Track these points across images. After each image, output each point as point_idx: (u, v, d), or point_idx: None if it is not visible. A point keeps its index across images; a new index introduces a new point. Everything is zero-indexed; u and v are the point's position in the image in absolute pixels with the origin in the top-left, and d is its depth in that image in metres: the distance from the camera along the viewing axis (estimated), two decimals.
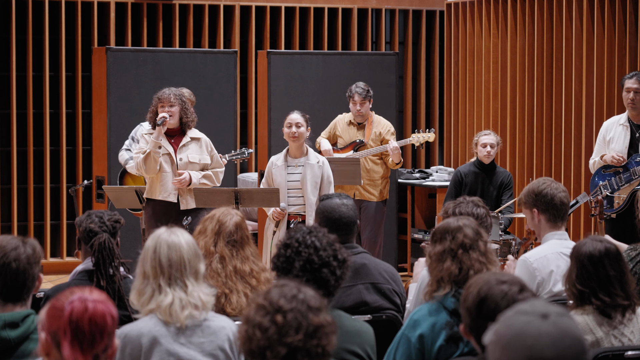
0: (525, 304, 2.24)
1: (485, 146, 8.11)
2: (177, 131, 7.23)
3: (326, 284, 3.63)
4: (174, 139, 7.22)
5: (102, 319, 2.68)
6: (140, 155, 7.13)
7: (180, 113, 7.17)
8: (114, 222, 4.54)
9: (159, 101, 7.16)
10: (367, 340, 3.84)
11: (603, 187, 7.45)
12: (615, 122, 7.68)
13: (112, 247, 4.44)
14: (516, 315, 2.22)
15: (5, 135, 9.96)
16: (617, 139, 7.58)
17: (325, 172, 7.19)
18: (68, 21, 10.06)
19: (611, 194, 7.47)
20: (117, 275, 4.45)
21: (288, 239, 3.71)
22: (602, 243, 4.03)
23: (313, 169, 7.14)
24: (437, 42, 11.21)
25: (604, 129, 7.73)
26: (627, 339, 3.98)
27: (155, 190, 7.20)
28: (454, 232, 3.98)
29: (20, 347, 3.46)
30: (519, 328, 2.18)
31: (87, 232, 4.50)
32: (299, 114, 7.24)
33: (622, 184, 7.51)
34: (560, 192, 4.96)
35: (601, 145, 7.72)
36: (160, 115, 7.09)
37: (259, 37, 10.64)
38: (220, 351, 3.67)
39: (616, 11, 8.90)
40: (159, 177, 7.19)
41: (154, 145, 7.08)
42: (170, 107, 7.13)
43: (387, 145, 8.39)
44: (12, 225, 9.93)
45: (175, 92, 7.20)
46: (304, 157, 7.21)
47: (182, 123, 7.20)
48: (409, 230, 10.15)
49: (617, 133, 7.60)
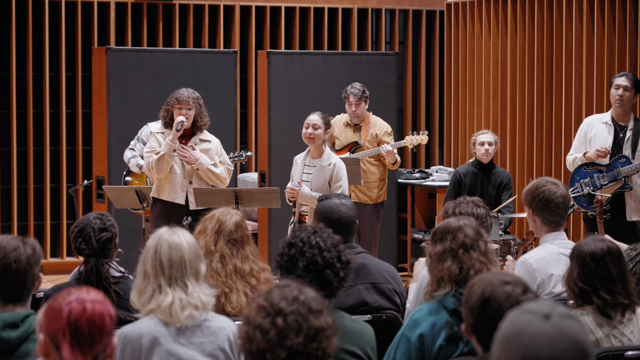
0: (533, 303, 2.25)
1: (483, 144, 8.11)
2: (189, 133, 7.21)
3: (329, 285, 3.62)
4: (184, 140, 7.20)
5: (100, 319, 2.67)
6: (153, 156, 7.09)
7: (196, 116, 7.15)
8: (104, 242, 4.51)
9: (177, 102, 7.10)
10: (367, 341, 3.83)
11: (584, 185, 7.45)
12: (597, 120, 7.63)
13: (100, 271, 4.46)
14: (520, 313, 2.22)
15: (5, 135, 9.96)
16: (599, 137, 7.53)
17: (335, 174, 7.04)
18: (68, 21, 10.06)
19: (593, 192, 7.44)
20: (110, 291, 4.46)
21: (293, 238, 3.70)
22: (604, 242, 4.05)
23: (323, 170, 7.08)
24: (437, 42, 11.21)
25: (585, 125, 7.68)
26: (627, 339, 3.99)
27: (163, 191, 7.18)
28: (454, 232, 3.98)
29: (20, 348, 3.46)
30: (519, 326, 2.19)
31: (78, 251, 4.51)
32: (319, 116, 7.11)
33: (605, 183, 7.48)
34: (557, 197, 4.89)
35: (581, 141, 7.66)
36: (178, 120, 7.03)
37: (259, 37, 10.65)
38: (220, 351, 3.67)
39: (616, 11, 8.90)
40: (168, 178, 7.16)
41: (170, 149, 7.05)
42: (187, 110, 7.11)
43: (377, 149, 8.39)
44: (12, 225, 9.94)
45: (192, 94, 7.15)
46: (319, 158, 7.15)
47: (196, 126, 7.18)
48: (409, 230, 10.15)
49: (600, 131, 7.55)
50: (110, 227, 4.53)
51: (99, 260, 4.47)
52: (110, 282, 4.48)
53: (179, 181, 7.12)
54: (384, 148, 8.29)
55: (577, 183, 7.52)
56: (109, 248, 4.53)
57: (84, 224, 4.52)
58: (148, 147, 7.21)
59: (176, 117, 7.07)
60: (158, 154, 7.06)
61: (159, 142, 7.14)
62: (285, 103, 9.15)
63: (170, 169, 7.11)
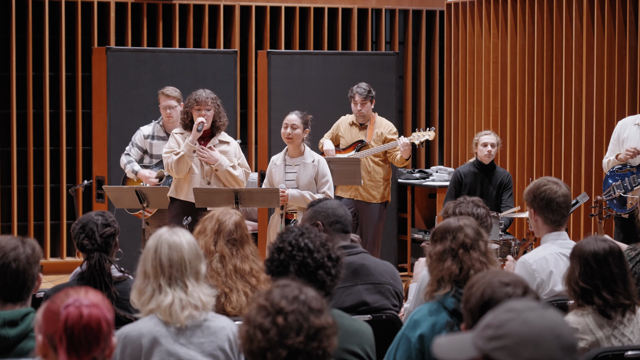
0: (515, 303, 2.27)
1: (486, 145, 8.11)
2: (208, 133, 7.23)
3: (323, 285, 3.61)
4: (203, 140, 7.23)
5: (97, 325, 2.66)
6: (173, 157, 7.12)
7: (215, 117, 7.18)
8: (107, 237, 4.53)
9: (195, 103, 7.13)
10: (367, 340, 3.83)
11: (616, 187, 7.43)
12: (630, 122, 7.65)
13: (103, 267, 4.46)
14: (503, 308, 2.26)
15: (5, 135, 9.96)
16: (631, 139, 7.53)
17: (320, 171, 7.18)
18: (68, 21, 10.06)
19: (624, 194, 7.44)
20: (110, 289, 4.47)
21: (280, 243, 3.66)
22: (605, 242, 4.05)
23: (307, 168, 7.16)
24: (437, 42, 11.21)
25: (618, 127, 7.71)
26: (627, 339, 3.98)
27: (181, 191, 7.22)
28: (454, 232, 3.97)
29: (19, 345, 3.46)
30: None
31: (80, 247, 4.52)
32: (297, 115, 7.23)
33: (635, 185, 7.46)
34: (559, 196, 4.88)
35: (615, 144, 7.67)
36: (198, 121, 7.07)
37: (259, 37, 10.65)
38: (220, 351, 3.67)
39: (616, 11, 8.90)
40: (187, 178, 7.20)
41: (190, 150, 7.08)
42: (207, 110, 7.13)
43: (393, 143, 8.38)
44: (12, 225, 9.93)
45: (210, 95, 7.19)
46: (300, 156, 7.23)
47: (214, 127, 7.21)
48: (409, 230, 10.15)
49: (632, 132, 7.55)
50: (112, 223, 4.57)
51: (102, 256, 4.48)
52: (112, 279, 4.49)
53: (198, 181, 7.17)
54: (401, 140, 8.26)
55: (609, 186, 7.51)
56: (111, 244, 4.54)
57: (86, 221, 4.54)
58: (167, 148, 7.24)
59: (196, 118, 7.11)
60: (177, 154, 7.09)
61: (178, 142, 7.18)
62: (285, 103, 9.14)
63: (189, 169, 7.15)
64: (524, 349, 2.16)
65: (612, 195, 7.47)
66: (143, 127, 8.01)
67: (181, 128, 7.27)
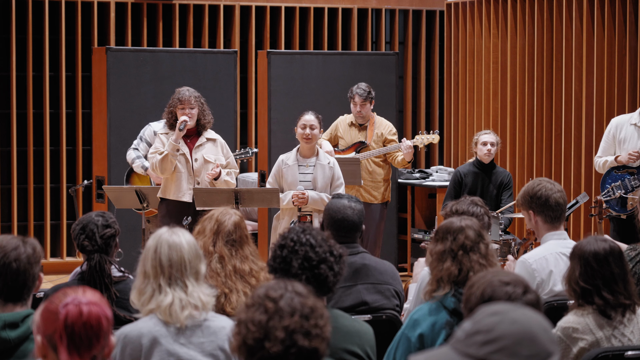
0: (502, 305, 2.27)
1: (486, 144, 8.11)
2: (193, 132, 7.24)
3: (325, 280, 3.62)
4: (189, 139, 7.24)
5: (97, 322, 2.67)
6: (157, 156, 7.14)
7: (199, 115, 7.18)
8: (108, 238, 4.53)
9: (179, 102, 7.15)
10: (367, 340, 3.83)
11: (616, 188, 7.39)
12: (625, 122, 7.49)
13: (103, 268, 4.47)
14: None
15: (5, 135, 9.96)
16: (629, 140, 7.41)
17: (336, 173, 7.23)
18: (68, 21, 10.06)
19: (625, 195, 7.39)
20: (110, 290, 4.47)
21: (282, 240, 3.68)
22: (606, 242, 4.05)
23: (324, 170, 7.15)
24: (437, 42, 11.21)
25: (613, 126, 7.55)
26: (627, 339, 3.98)
27: (169, 190, 7.22)
28: (455, 233, 3.97)
29: (20, 347, 3.46)
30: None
31: (80, 248, 4.52)
32: (313, 115, 7.24)
33: (637, 186, 7.41)
34: (555, 192, 4.91)
35: (609, 143, 7.55)
36: (181, 120, 7.07)
37: (259, 37, 10.64)
38: (220, 351, 3.67)
39: (616, 11, 8.90)
40: (173, 177, 7.20)
41: (173, 149, 7.09)
42: (190, 109, 7.13)
43: (395, 146, 8.37)
44: (12, 225, 9.93)
45: (194, 93, 7.21)
46: (314, 157, 7.21)
47: (200, 124, 7.21)
48: (409, 230, 10.15)
49: (629, 133, 7.42)
50: (112, 224, 4.57)
51: (102, 257, 4.48)
52: (112, 281, 4.49)
53: (185, 179, 7.16)
54: (404, 143, 8.24)
55: (608, 187, 7.46)
56: (112, 245, 4.55)
57: (86, 221, 4.54)
58: (153, 148, 7.26)
59: (180, 117, 7.10)
60: (162, 154, 7.09)
61: (163, 143, 7.18)
62: (285, 103, 9.14)
63: (174, 168, 7.14)
64: (522, 347, 2.16)
65: (612, 196, 7.45)
66: (153, 122, 8.00)
67: (166, 128, 7.27)
